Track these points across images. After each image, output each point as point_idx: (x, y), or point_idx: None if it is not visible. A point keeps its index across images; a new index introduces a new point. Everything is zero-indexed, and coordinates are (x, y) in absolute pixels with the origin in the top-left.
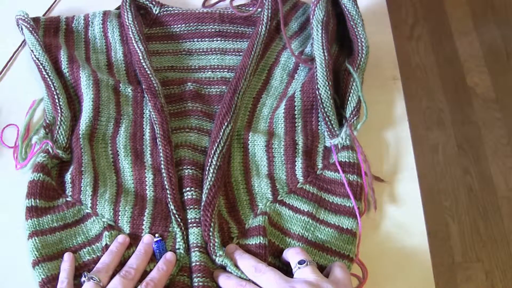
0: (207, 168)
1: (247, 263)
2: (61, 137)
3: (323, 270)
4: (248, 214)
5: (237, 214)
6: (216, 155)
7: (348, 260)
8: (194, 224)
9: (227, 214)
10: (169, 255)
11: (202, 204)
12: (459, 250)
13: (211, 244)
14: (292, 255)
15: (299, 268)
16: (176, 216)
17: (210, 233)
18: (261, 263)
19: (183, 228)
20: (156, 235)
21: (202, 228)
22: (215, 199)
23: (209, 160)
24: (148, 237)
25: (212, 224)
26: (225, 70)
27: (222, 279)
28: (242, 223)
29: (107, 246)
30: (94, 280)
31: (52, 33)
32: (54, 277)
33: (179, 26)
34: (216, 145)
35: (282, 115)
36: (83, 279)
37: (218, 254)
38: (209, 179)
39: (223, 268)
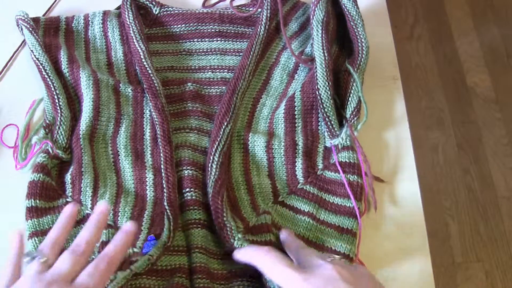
0: (209, 165)
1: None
2: (61, 137)
3: None
4: (250, 213)
5: (239, 213)
6: (218, 153)
7: (348, 259)
8: (194, 225)
9: (230, 213)
10: (126, 225)
11: (210, 195)
12: (459, 250)
13: (228, 229)
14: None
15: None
16: (168, 211)
17: (225, 218)
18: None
19: (171, 221)
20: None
21: (214, 215)
22: (222, 189)
23: (211, 158)
24: (102, 205)
25: (224, 209)
26: (225, 71)
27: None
28: (245, 220)
29: (103, 243)
30: (40, 258)
31: (52, 33)
32: None
33: (179, 26)
34: (216, 143)
35: (282, 115)
36: (25, 259)
37: (236, 238)
38: (213, 173)
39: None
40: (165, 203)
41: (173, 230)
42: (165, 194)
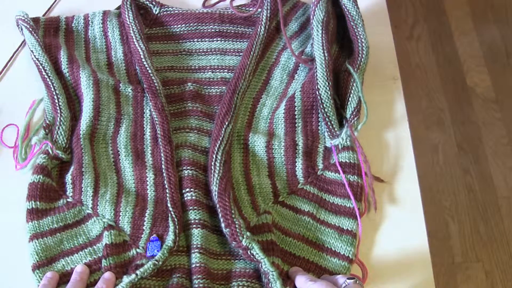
0: (212, 163)
1: (302, 278)
2: (61, 137)
3: (323, 270)
4: (251, 213)
5: (240, 212)
6: (220, 151)
7: (347, 261)
8: (194, 226)
9: (237, 210)
10: (107, 274)
11: (215, 193)
12: (459, 250)
13: (237, 226)
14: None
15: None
16: (172, 213)
17: (233, 215)
18: (315, 278)
19: (176, 224)
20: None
21: (221, 213)
22: (228, 186)
23: (214, 157)
24: (80, 267)
25: (232, 206)
26: (225, 71)
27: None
28: (246, 220)
29: (107, 245)
30: None
31: (52, 33)
32: None
33: (179, 26)
34: (219, 142)
35: (282, 115)
36: None
37: (245, 236)
38: (217, 171)
39: (246, 252)
40: (169, 204)
41: (179, 233)
42: (167, 194)
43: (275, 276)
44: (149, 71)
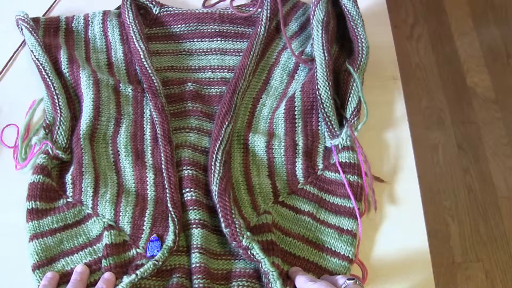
0: (212, 163)
1: (302, 278)
2: (61, 137)
3: (323, 270)
4: (251, 213)
5: (240, 212)
6: (221, 151)
7: (347, 261)
8: (194, 226)
9: (237, 210)
10: (107, 275)
11: (215, 193)
12: (459, 250)
13: (237, 226)
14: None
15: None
16: (172, 213)
17: (233, 215)
18: (315, 279)
19: (176, 224)
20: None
21: (221, 213)
22: (228, 186)
23: (214, 157)
24: (81, 267)
25: (232, 206)
26: (225, 71)
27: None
28: (246, 220)
29: (107, 245)
30: None
31: (52, 33)
32: None
33: (179, 26)
34: (219, 142)
35: (282, 115)
36: None
37: (245, 236)
38: (217, 171)
39: (246, 252)
40: (169, 204)
41: (178, 233)
42: (167, 194)
43: (275, 276)
44: (149, 71)
